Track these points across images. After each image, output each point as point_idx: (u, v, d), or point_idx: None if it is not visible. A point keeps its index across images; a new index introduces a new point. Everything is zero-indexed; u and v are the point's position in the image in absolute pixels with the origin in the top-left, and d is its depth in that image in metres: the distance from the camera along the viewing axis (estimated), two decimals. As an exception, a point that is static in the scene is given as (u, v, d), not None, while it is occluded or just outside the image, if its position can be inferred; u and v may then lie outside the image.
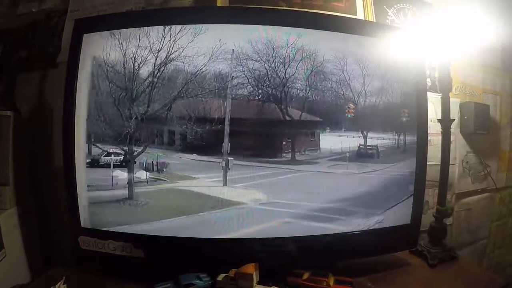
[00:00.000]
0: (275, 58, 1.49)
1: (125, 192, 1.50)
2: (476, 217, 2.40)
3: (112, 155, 1.54)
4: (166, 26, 1.43)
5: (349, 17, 1.96)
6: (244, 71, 1.47)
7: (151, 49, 1.44)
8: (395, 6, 2.12)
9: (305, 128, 1.58)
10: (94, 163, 1.56)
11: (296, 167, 1.57)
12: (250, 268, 1.28)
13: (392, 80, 1.59)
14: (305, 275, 1.39)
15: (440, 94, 1.85)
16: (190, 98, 1.47)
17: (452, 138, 1.86)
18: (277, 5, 1.94)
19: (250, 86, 1.50)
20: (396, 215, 1.60)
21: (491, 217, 2.51)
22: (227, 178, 1.50)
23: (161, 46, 1.43)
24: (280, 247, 1.48)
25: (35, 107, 2.01)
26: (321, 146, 1.58)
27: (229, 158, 1.50)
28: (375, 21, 2.02)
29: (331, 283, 1.38)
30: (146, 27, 1.44)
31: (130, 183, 1.50)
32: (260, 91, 1.52)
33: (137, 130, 1.48)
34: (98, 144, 1.52)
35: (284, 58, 1.49)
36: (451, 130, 1.81)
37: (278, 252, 1.47)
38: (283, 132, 1.58)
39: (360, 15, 2.03)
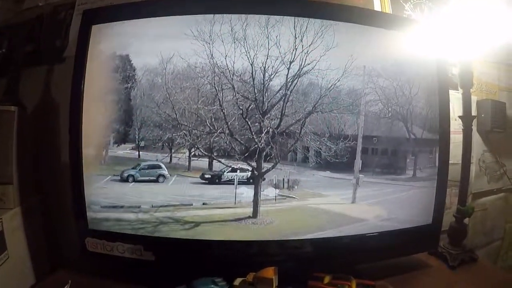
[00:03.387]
0: (401, 76, 1.75)
1: (248, 210, 1.67)
2: (491, 217, 2.70)
3: (238, 171, 1.72)
4: (297, 37, 1.64)
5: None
6: (375, 88, 1.72)
7: (283, 60, 1.60)
8: (412, 1, 2.37)
9: (425, 146, 1.84)
10: (215, 180, 1.73)
11: (416, 184, 1.87)
12: (270, 272, 1.36)
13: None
14: (326, 279, 1.49)
15: (458, 91, 2.20)
16: (324, 113, 1.66)
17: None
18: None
19: (380, 103, 1.79)
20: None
21: (506, 217, 2.83)
22: (356, 195, 1.78)
23: (293, 57, 1.60)
24: (297, 249, 1.66)
25: (41, 103, 2.14)
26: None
27: (360, 175, 1.76)
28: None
29: (354, 287, 1.48)
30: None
31: (256, 201, 1.66)
32: (389, 109, 1.79)
33: (268, 145, 1.63)
34: (221, 159, 1.69)
35: (408, 77, 1.76)
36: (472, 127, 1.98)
37: (296, 255, 1.66)
38: (408, 149, 1.84)
39: (377, 9, 2.31)
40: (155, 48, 1.63)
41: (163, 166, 1.74)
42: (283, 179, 1.71)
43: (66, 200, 1.72)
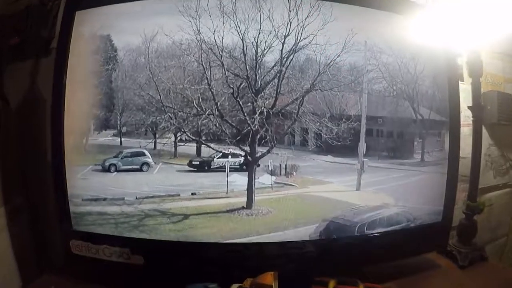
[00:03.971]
0: (405, 53, 1.56)
1: (242, 200, 1.49)
2: (497, 213, 2.52)
3: (229, 156, 1.53)
4: (291, 10, 1.42)
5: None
6: (378, 65, 1.53)
7: (277, 34, 1.43)
8: (418, -14, 2.19)
9: (433, 128, 1.68)
10: (204, 167, 1.53)
11: (424, 169, 1.67)
12: (268, 278, 1.23)
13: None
14: (331, 284, 1.35)
15: (464, 82, 1.99)
16: (324, 92, 1.48)
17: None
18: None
19: (384, 81, 1.59)
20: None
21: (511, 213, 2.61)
22: (361, 181, 1.57)
23: (288, 31, 1.42)
24: (299, 250, 1.50)
25: (27, 98, 1.96)
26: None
27: (364, 159, 1.56)
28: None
29: (362, 291, 1.29)
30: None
31: (250, 190, 1.48)
32: (394, 87, 1.60)
33: (262, 127, 1.46)
34: (210, 144, 1.50)
35: (413, 53, 1.57)
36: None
37: (297, 256, 1.50)
38: (415, 132, 1.67)
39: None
40: (138, 26, 1.45)
41: (147, 153, 1.55)
42: (280, 165, 1.54)
43: (53, 200, 1.58)
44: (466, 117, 1.95)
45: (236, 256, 1.47)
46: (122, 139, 1.56)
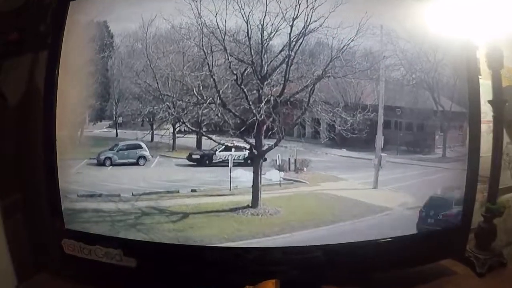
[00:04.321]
0: (424, 40, 1.42)
1: (247, 198, 1.37)
2: None
3: (233, 149, 1.42)
4: None
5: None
6: (395, 50, 1.39)
7: (284, 17, 1.30)
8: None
9: (455, 121, 1.53)
10: (205, 161, 1.43)
11: (446, 165, 1.52)
12: (269, 286, 1.17)
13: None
14: None
15: (481, 76, 1.75)
16: (337, 79, 1.36)
17: (492, 126, 1.80)
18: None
19: (403, 68, 1.45)
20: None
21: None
22: (378, 178, 1.42)
23: (296, 13, 1.30)
24: (303, 255, 1.38)
25: (24, 94, 1.90)
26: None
27: (382, 154, 1.42)
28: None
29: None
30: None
31: (256, 187, 1.36)
32: (413, 75, 1.46)
33: (269, 117, 1.34)
34: (211, 136, 1.39)
35: (432, 40, 1.44)
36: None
37: (302, 262, 1.38)
38: (436, 124, 1.53)
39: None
40: (135, 10, 1.35)
41: (143, 145, 1.44)
42: (289, 159, 1.42)
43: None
44: (483, 113, 1.72)
45: (237, 260, 1.37)
46: (118, 130, 1.47)
